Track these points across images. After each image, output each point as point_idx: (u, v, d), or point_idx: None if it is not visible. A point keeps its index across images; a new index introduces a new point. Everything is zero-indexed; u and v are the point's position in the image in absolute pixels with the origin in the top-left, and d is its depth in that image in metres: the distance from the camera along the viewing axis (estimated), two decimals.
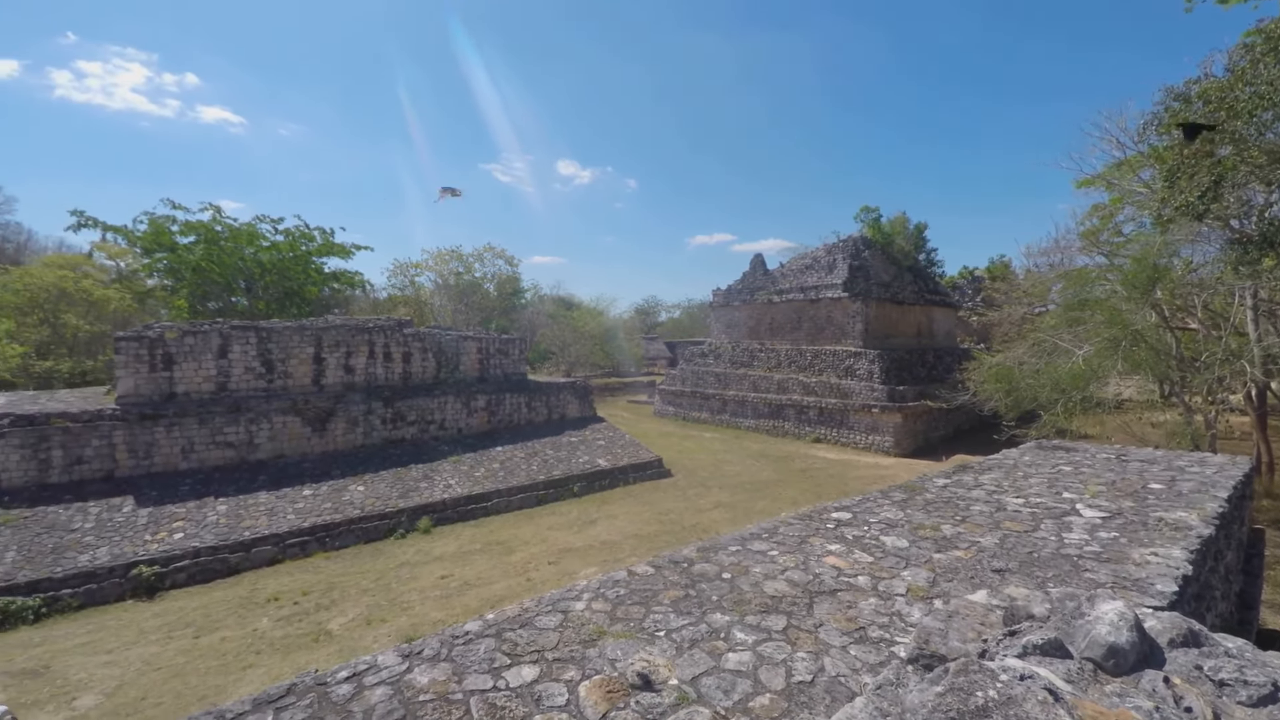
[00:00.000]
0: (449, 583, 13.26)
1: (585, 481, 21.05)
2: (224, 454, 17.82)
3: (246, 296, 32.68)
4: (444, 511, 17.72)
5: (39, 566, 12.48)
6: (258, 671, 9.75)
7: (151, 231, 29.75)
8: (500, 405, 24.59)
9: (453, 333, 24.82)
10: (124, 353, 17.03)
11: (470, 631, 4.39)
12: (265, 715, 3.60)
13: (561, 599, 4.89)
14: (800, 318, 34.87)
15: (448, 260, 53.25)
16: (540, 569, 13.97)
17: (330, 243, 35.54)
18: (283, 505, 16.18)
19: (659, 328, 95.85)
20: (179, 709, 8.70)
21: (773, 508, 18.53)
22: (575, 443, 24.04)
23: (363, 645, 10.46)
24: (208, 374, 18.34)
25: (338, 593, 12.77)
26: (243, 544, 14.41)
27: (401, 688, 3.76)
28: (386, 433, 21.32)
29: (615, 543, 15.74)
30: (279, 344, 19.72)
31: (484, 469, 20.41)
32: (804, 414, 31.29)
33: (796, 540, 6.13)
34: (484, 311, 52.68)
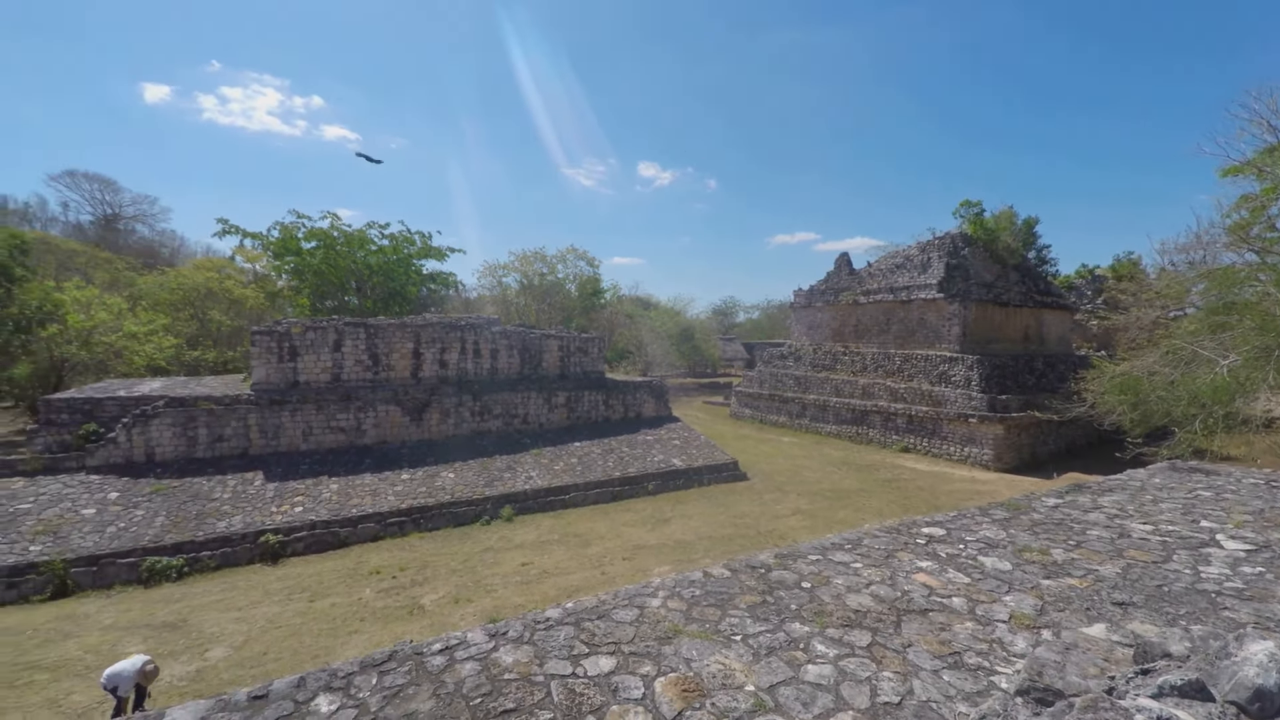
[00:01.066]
0: (529, 570, 13.84)
1: (660, 480, 21.17)
2: (336, 438, 19.70)
3: (357, 296, 35.86)
4: (525, 501, 18.50)
5: (183, 530, 14.41)
6: (361, 637, 10.69)
7: (281, 238, 33.46)
8: (579, 402, 25.28)
9: (536, 331, 25.84)
10: (258, 345, 19.29)
11: (551, 618, 4.57)
12: (370, 677, 3.96)
13: (637, 594, 4.97)
14: (889, 320, 33.01)
15: (532, 262, 55.52)
16: (615, 563, 14.23)
17: (428, 246, 38.19)
18: (384, 487, 17.62)
19: (736, 328, 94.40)
20: (295, 665, 9.72)
21: (855, 518, 17.70)
22: (650, 441, 24.23)
23: (451, 622, 11.17)
24: (324, 365, 20.33)
25: (430, 571, 13.72)
26: (350, 520, 15.85)
27: (488, 665, 3.99)
28: (474, 424, 22.60)
29: (689, 543, 15.71)
30: (384, 339, 21.47)
31: (563, 463, 21.08)
32: (891, 421, 29.60)
33: (883, 554, 5.83)
34: (565, 311, 54.37)
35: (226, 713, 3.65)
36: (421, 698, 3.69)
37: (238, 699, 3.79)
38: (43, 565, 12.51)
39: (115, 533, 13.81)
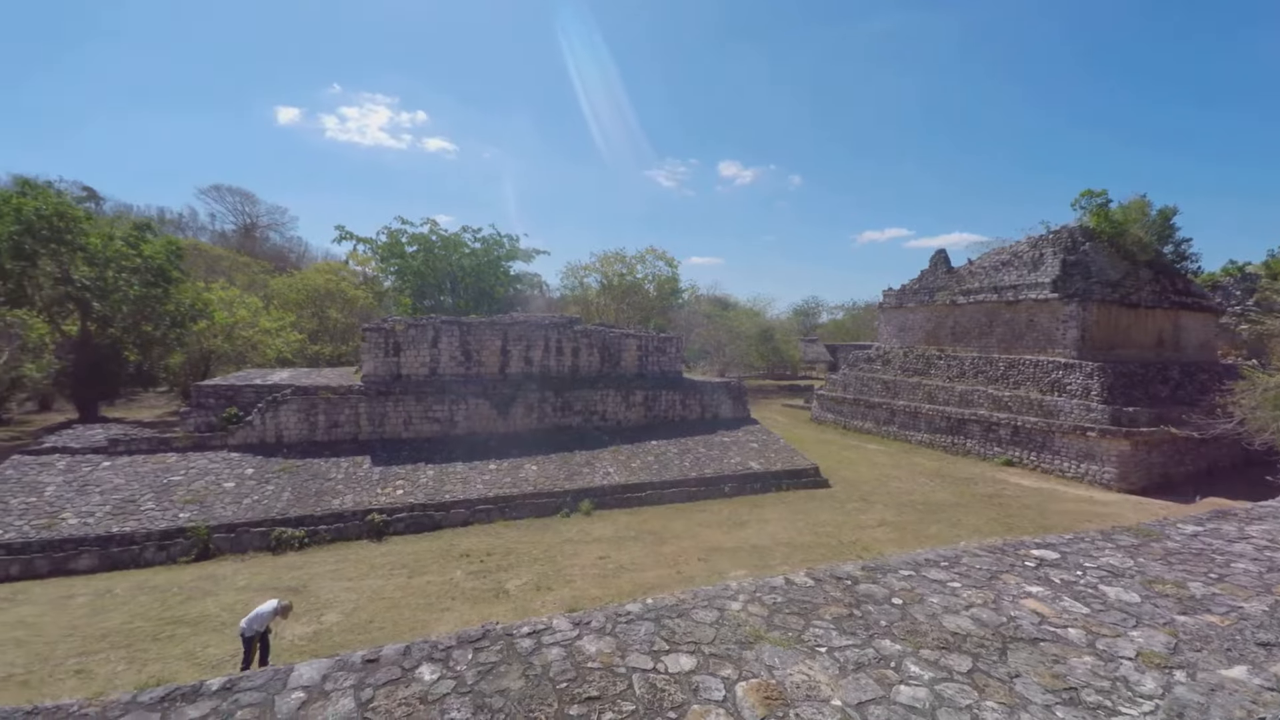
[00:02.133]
0: (606, 564, 14.16)
1: (736, 483, 20.89)
2: (432, 428, 21.18)
3: (451, 295, 38.35)
4: (603, 497, 18.93)
5: (305, 505, 16.09)
6: (453, 614, 11.44)
7: (388, 243, 36.50)
8: (656, 401, 25.48)
9: (615, 330, 26.34)
10: (367, 341, 21.16)
11: (631, 613, 4.67)
12: (467, 652, 4.24)
13: (717, 596, 4.96)
14: (992, 321, 30.45)
15: (612, 263, 56.61)
16: (690, 563, 14.23)
17: (516, 248, 40.11)
18: (474, 475, 18.72)
19: (819, 329, 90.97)
20: (396, 634, 10.59)
21: (949, 534, 16.53)
22: (727, 443, 23.95)
23: (533, 608, 11.68)
24: (423, 360, 21.93)
25: (514, 558, 14.41)
26: (444, 505, 17.00)
27: (573, 652, 4.15)
28: (556, 419, 23.43)
29: (766, 548, 15.39)
30: (475, 337, 22.80)
31: (640, 460, 21.35)
32: (993, 432, 27.30)
33: (985, 575, 5.43)
34: (643, 310, 54.94)
35: (344, 671, 4.06)
36: (512, 676, 3.91)
37: (353, 660, 4.20)
38: (190, 530, 14.46)
39: (250, 504, 15.70)
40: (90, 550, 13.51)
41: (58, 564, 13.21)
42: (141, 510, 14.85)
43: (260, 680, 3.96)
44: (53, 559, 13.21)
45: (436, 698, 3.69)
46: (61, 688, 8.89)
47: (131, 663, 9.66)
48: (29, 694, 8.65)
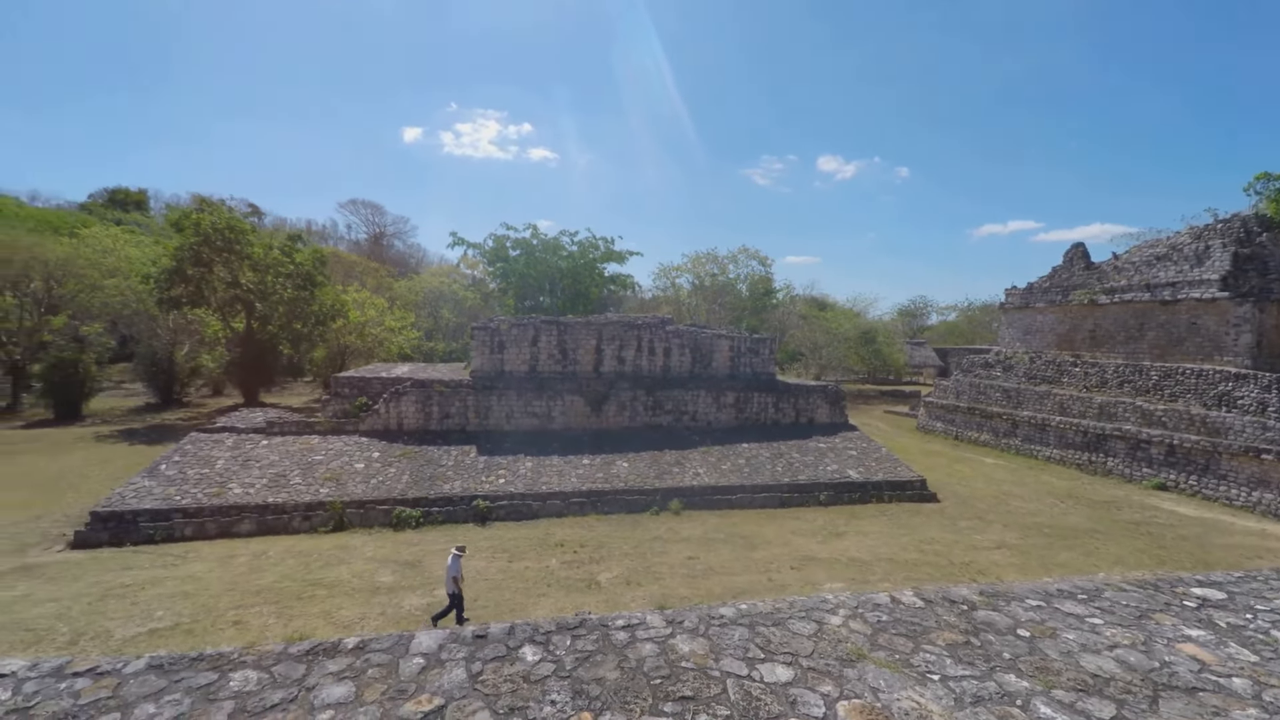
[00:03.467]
0: (694, 564, 14.13)
1: (833, 491, 19.96)
2: (531, 422, 22.32)
3: (549, 297, 40.14)
4: (692, 497, 18.89)
5: (421, 488, 17.58)
6: (548, 600, 11.99)
7: (494, 247, 38.99)
8: (748, 403, 24.99)
9: (707, 331, 26.17)
10: (476, 339, 22.73)
11: (725, 616, 4.63)
12: (565, 638, 4.44)
13: (814, 608, 4.79)
14: (1142, 324, 26.59)
15: (704, 263, 56.29)
16: (782, 571, 13.81)
17: (611, 250, 41.14)
18: (568, 469, 19.47)
19: (927, 332, 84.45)
20: (498, 614, 11.28)
21: (1084, 564, 14.69)
22: (823, 449, 22.95)
23: (624, 601, 11.93)
24: (524, 358, 23.16)
25: (605, 551, 14.81)
26: (540, 495, 17.85)
27: (666, 649, 4.20)
28: (647, 418, 23.75)
29: (865, 562, 14.56)
30: (571, 336, 23.70)
31: (730, 463, 21.06)
32: (1141, 451, 23.84)
33: (1132, 613, 4.78)
34: (735, 311, 54.08)
35: (457, 644, 4.40)
36: (608, 666, 4.03)
37: (464, 635, 4.54)
38: (328, 504, 16.33)
39: (376, 484, 17.46)
40: (250, 517, 15.73)
41: (224, 527, 15.51)
42: (290, 484, 17.04)
43: (387, 644, 4.40)
44: (220, 523, 15.53)
45: (538, 679, 3.90)
46: (221, 636, 10.41)
47: (279, 617, 11.10)
48: (193, 641, 10.21)
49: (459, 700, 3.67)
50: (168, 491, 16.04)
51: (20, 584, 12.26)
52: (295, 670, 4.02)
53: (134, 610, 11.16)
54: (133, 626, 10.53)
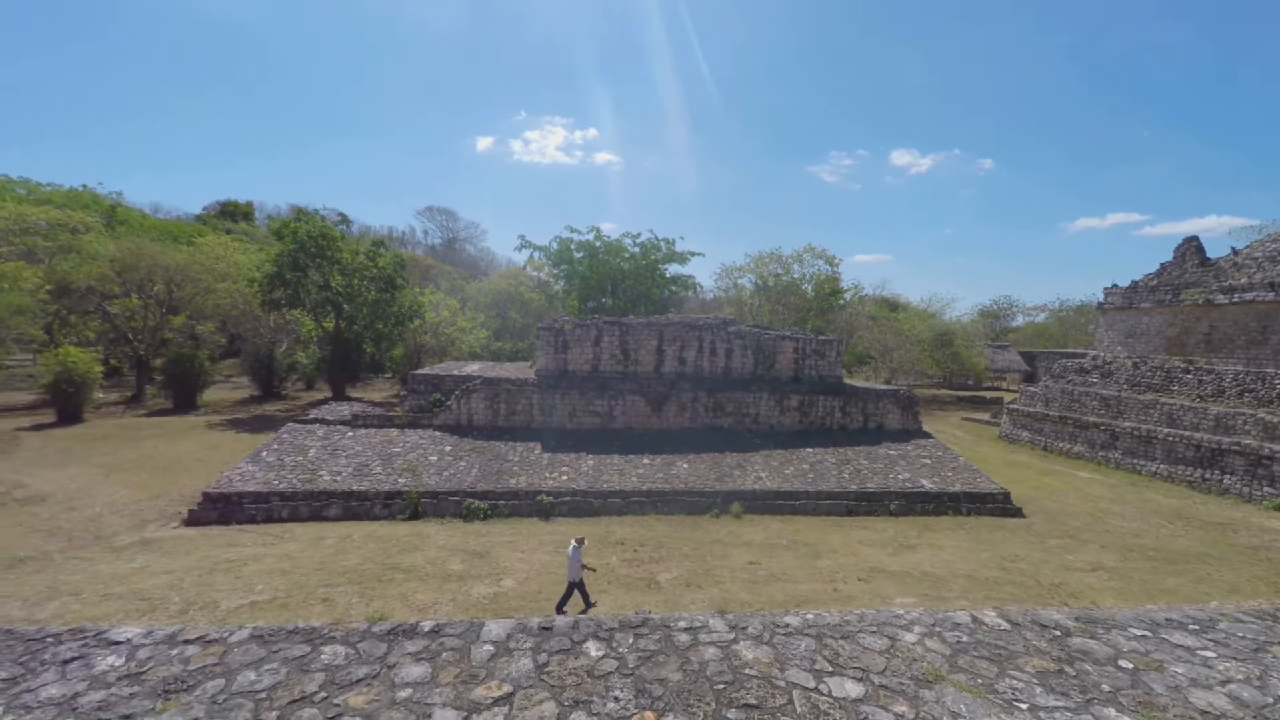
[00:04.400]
0: (756, 569, 13.87)
1: (904, 501, 18.99)
2: (593, 421, 22.71)
3: (611, 298, 40.68)
4: (753, 501, 18.56)
5: (489, 481, 18.29)
6: (609, 597, 12.15)
7: (559, 250, 39.99)
8: (813, 406, 24.25)
9: (770, 332, 25.62)
10: (541, 339, 23.40)
11: (790, 625, 4.52)
12: (628, 636, 4.48)
13: (887, 623, 4.58)
14: (1265, 328, 23.56)
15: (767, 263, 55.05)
16: (849, 582, 13.30)
17: (672, 251, 41.16)
18: (629, 468, 19.65)
19: (1012, 334, 78.67)
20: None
21: (1194, 591, 13.20)
22: (894, 456, 21.90)
23: (683, 603, 11.90)
24: (587, 358, 23.60)
25: (665, 551, 14.82)
26: (602, 493, 18.12)
27: (729, 655, 4.15)
28: (707, 420, 23.56)
29: (940, 578, 13.76)
30: (633, 337, 23.90)
31: (793, 467, 20.52)
32: (1263, 468, 21.12)
33: (1249, 646, 4.25)
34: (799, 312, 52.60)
35: (524, 634, 4.55)
36: (670, 667, 4.03)
37: (531, 625, 4.69)
38: (405, 494, 17.31)
39: (448, 476, 18.34)
40: (337, 502, 16.95)
41: (315, 511, 16.78)
42: (372, 473, 18.21)
43: (460, 629, 4.62)
44: (311, 506, 16.82)
45: (602, 674, 3.96)
46: (311, 611, 11.26)
47: (362, 596, 11.89)
48: (287, 614, 11.09)
49: (526, 689, 3.80)
50: (267, 476, 17.56)
51: (139, 557, 13.82)
52: (378, 648, 4.30)
53: (237, 584, 12.30)
54: (236, 598, 11.61)
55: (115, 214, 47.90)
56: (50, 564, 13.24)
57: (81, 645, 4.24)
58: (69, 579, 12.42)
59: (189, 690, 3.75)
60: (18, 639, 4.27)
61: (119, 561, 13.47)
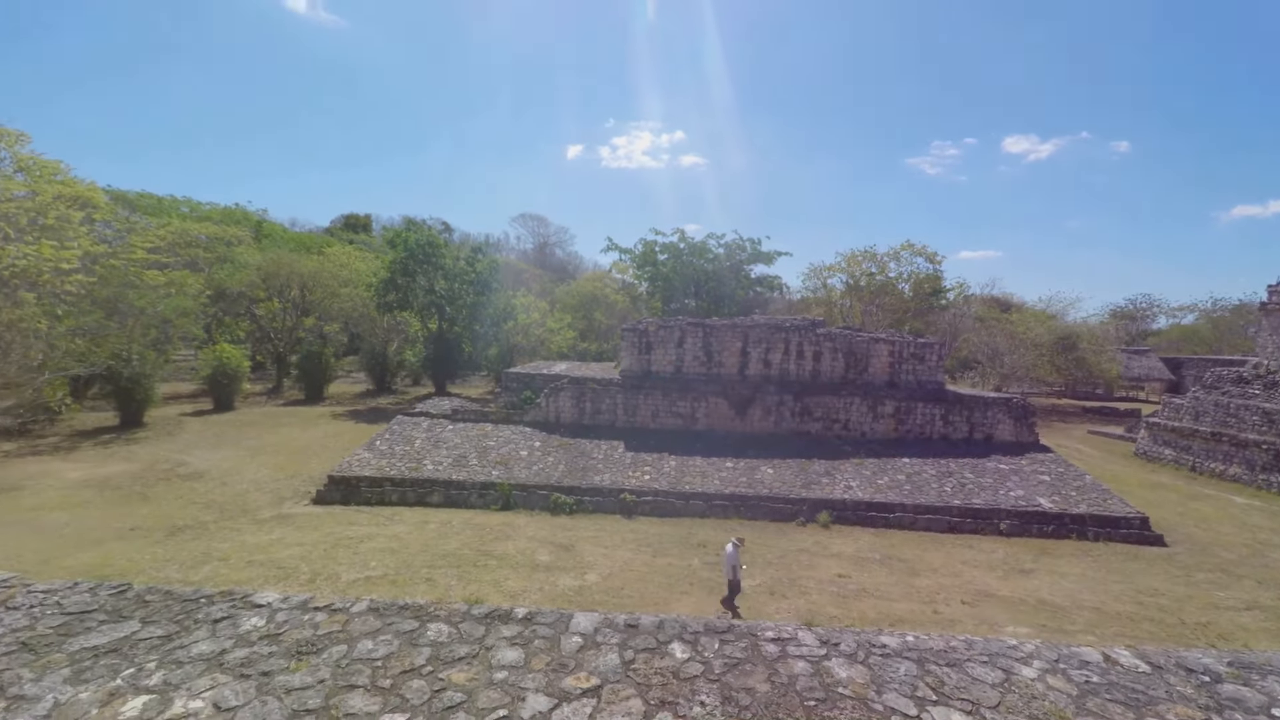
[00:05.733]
0: (845, 583, 13.23)
1: (1016, 520, 17.29)
2: (675, 422, 22.75)
3: (694, 299, 40.54)
4: (843, 510, 17.72)
5: (574, 477, 18.86)
6: (690, 599, 12.12)
7: (643, 252, 40.48)
8: (910, 414, 22.72)
9: (863, 334, 24.32)
10: (625, 340, 23.82)
11: (888, 646, 4.27)
12: (713, 641, 4.45)
13: (1000, 653, 4.20)
14: None
15: (860, 261, 52.22)
16: (951, 605, 12.32)
17: (758, 251, 40.31)
18: (711, 471, 19.48)
19: (1152, 338, 69.17)
20: (642, 605, 11.68)
21: None
22: (1005, 471, 20.01)
23: (766, 612, 11.60)
24: (670, 359, 23.69)
25: (747, 557, 14.48)
26: (683, 495, 18.10)
27: (820, 671, 4.00)
28: (794, 424, 22.81)
29: (1060, 608, 12.39)
30: (717, 338, 23.66)
31: (887, 478, 19.35)
32: None
33: None
34: (895, 313, 49.43)
35: (610, 629, 4.66)
36: (757, 678, 3.95)
37: (617, 621, 4.79)
38: (498, 485, 18.27)
39: (537, 470, 19.16)
40: (439, 490, 18.25)
41: (419, 497, 18.17)
42: (469, 465, 19.43)
43: (550, 619, 4.81)
44: (417, 492, 18.22)
45: (688, 677, 3.96)
46: (416, 590, 12.18)
47: (460, 579, 12.71)
48: (395, 591, 12.06)
49: (613, 684, 3.88)
50: (380, 463, 19.27)
51: (277, 530, 15.65)
52: (476, 630, 4.58)
53: (355, 559, 13.61)
54: (354, 572, 12.85)
55: (261, 228, 54.84)
56: (205, 532, 15.37)
57: (230, 606, 4.88)
58: (219, 546, 14.35)
59: (318, 653, 4.20)
60: (176, 599, 4.99)
61: (260, 533, 15.38)
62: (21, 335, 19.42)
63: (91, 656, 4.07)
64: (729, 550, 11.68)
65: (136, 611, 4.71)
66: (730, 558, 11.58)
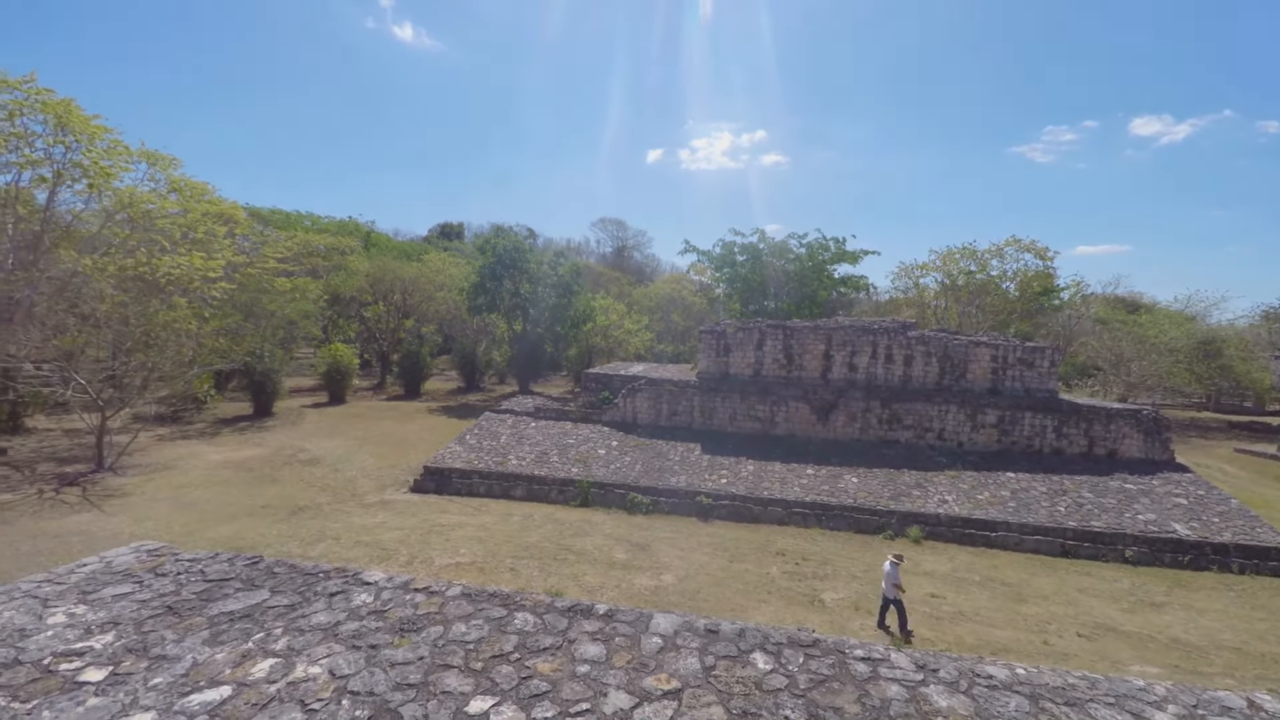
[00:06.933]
0: (939, 604, 12.35)
1: (1146, 548, 15.35)
2: (753, 425, 22.29)
3: (774, 300, 39.51)
4: (936, 526, 16.55)
5: (650, 478, 18.97)
6: (768, 608, 11.81)
7: (721, 253, 40.02)
8: (1016, 423, 20.81)
9: (961, 337, 22.57)
10: (703, 341, 23.67)
11: (995, 677, 3.93)
12: (798, 655, 4.30)
13: (1129, 695, 3.74)
14: None
15: (957, 259, 48.47)
16: (1065, 637, 11.15)
17: (842, 250, 38.58)
18: (791, 477, 18.88)
19: None
20: (718, 609, 11.53)
21: None
22: (1132, 491, 17.82)
23: (851, 628, 11.07)
24: (748, 361, 23.25)
25: (830, 569, 13.94)
26: (761, 501, 17.69)
27: (917, 698, 3.75)
28: (881, 432, 21.60)
29: (1196, 647, 10.85)
30: (798, 341, 22.92)
31: (989, 493, 17.83)
32: None
33: None
34: (998, 314, 45.41)
35: (690, 633, 4.63)
36: (846, 698, 3.77)
37: (697, 625, 4.75)
38: (577, 482, 18.76)
39: (614, 469, 19.49)
40: (522, 484, 19.05)
41: (504, 490, 19.05)
42: (550, 461, 20.12)
43: (630, 617, 4.86)
44: (502, 485, 19.12)
45: (771, 689, 3.86)
46: (501, 578, 12.77)
47: (541, 571, 13.19)
48: (483, 578, 12.69)
49: (694, 689, 3.86)
50: (469, 457, 20.43)
51: (380, 514, 16.99)
52: (560, 622, 4.72)
53: (447, 545, 14.51)
54: (446, 558, 13.69)
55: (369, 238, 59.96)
56: (320, 513, 16.99)
57: (344, 582, 5.35)
58: (332, 526, 15.81)
59: (417, 631, 4.51)
60: (298, 572, 5.53)
61: (366, 515, 16.79)
62: (176, 335, 22.47)
63: (227, 621, 4.61)
64: (888, 568, 11.11)
65: (266, 582, 5.29)
66: (890, 575, 10.99)
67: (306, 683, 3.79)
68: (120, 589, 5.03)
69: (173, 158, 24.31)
